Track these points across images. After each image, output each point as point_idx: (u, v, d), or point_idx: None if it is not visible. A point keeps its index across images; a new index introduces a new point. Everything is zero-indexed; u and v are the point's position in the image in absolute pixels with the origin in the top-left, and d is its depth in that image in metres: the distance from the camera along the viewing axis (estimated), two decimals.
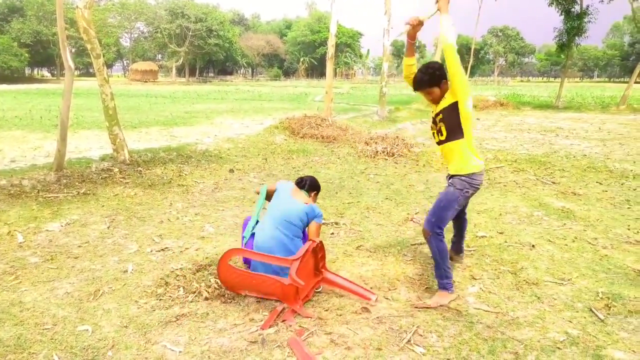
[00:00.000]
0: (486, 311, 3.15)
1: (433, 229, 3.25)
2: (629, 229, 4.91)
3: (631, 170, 7.67)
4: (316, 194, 3.80)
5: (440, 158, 8.22)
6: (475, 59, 65.01)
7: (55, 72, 62.44)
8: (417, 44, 3.46)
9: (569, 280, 3.65)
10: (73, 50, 53.99)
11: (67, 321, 2.96)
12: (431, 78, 3.20)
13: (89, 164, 7.17)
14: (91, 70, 54.39)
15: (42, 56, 58.26)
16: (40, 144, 8.98)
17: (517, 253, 4.22)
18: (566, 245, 4.45)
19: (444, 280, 3.30)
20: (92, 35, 6.95)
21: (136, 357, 2.59)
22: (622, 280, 3.64)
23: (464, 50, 77.65)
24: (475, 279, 3.69)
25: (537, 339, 2.80)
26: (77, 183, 6.31)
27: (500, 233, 4.77)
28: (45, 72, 72.62)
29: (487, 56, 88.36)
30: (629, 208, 5.73)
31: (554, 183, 7.04)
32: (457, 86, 3.09)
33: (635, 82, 25.26)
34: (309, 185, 3.72)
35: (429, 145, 10.37)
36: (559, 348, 2.70)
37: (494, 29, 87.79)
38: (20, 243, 4.31)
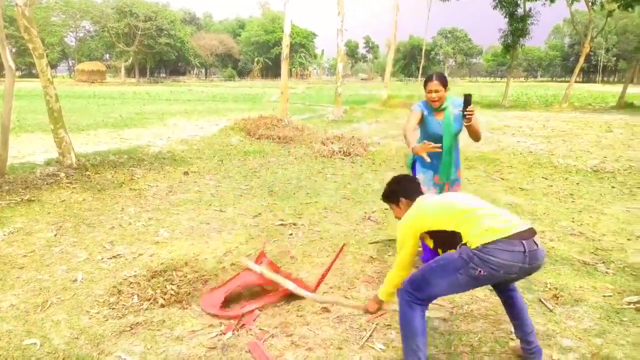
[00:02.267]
0: (441, 306, 3.23)
1: (405, 287, 2.38)
2: (573, 222, 5.17)
3: (574, 166, 8.08)
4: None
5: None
6: (426, 59, 66.62)
7: None
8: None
9: None
10: (14, 49, 51.18)
11: (12, 335, 2.80)
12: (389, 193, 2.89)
13: (33, 169, 6.81)
14: (34, 71, 51.80)
15: None
16: None
17: None
18: None
19: None
20: (34, 34, 6.61)
21: None
22: (568, 271, 3.83)
23: (415, 51, 79.48)
24: None
25: (491, 331, 2.89)
26: (20, 189, 5.98)
27: None
28: None
29: (438, 57, 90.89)
30: (572, 201, 6.04)
31: (502, 179, 7.32)
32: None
33: (576, 82, 26.70)
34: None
35: (384, 144, 10.53)
36: (512, 339, 2.80)
37: (444, 31, 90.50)
38: None
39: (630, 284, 3.54)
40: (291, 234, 4.75)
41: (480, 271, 2.11)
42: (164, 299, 3.25)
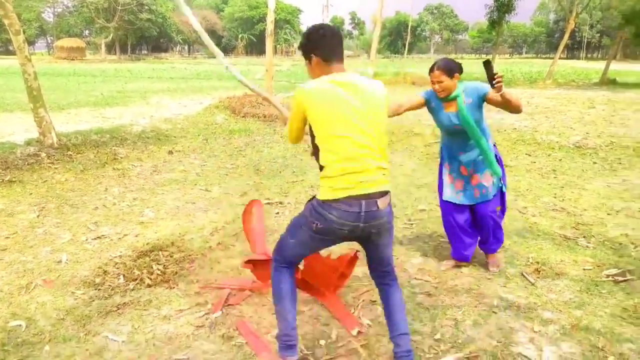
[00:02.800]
0: (427, 281, 3.28)
1: (273, 253, 2.38)
2: (555, 197, 5.25)
3: (557, 142, 8.17)
4: None
5: None
6: (412, 36, 66.21)
7: None
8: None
9: (502, 247, 3.87)
10: None
11: None
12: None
13: (13, 149, 6.67)
14: (11, 48, 50.29)
15: None
16: None
17: None
18: None
19: (280, 339, 2.28)
20: (10, 10, 6.38)
21: (75, 349, 2.49)
22: (549, 246, 3.91)
23: (402, 27, 78.86)
24: (416, 251, 3.83)
25: (475, 305, 2.95)
26: (0, 170, 5.86)
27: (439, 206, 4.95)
28: None
29: (424, 33, 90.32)
30: (555, 177, 6.13)
31: None
32: None
33: (560, 58, 26.80)
34: None
35: None
36: (494, 312, 2.87)
37: (430, 7, 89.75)
38: None
39: (610, 258, 3.64)
40: (277, 213, 4.76)
41: (316, 224, 2.10)
42: (151, 279, 3.25)
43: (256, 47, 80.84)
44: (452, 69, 3.10)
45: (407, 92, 17.87)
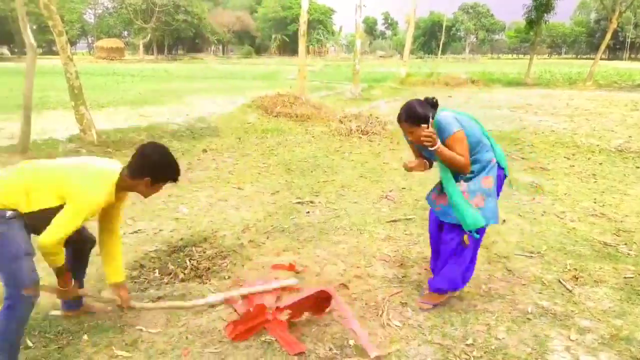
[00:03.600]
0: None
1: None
2: (594, 202, 5.08)
3: (597, 145, 7.90)
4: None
5: None
6: (446, 36, 65.26)
7: (16, 50, 59.72)
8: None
9: (538, 253, 3.77)
10: (34, 27, 51.59)
11: (39, 307, 2.89)
12: None
13: (56, 146, 6.94)
14: (54, 48, 52.24)
15: (1, 33, 55.54)
16: (3, 125, 8.62)
17: (490, 228, 4.32)
18: (535, 219, 4.58)
19: None
20: (54, 12, 6.65)
21: (112, 339, 2.57)
22: (588, 252, 3.78)
23: (436, 27, 77.87)
24: None
25: (508, 311, 2.89)
26: None
27: None
28: (5, 50, 69.37)
29: (459, 33, 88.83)
30: (595, 182, 5.93)
31: (523, 158, 7.20)
32: None
33: (601, 59, 25.89)
34: None
35: None
36: (529, 319, 2.80)
37: (465, 6, 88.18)
38: None
39: None
40: (308, 212, 4.78)
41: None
42: (184, 274, 3.32)
43: (289, 47, 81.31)
44: (418, 118, 2.62)
45: (440, 93, 17.64)
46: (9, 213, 2.15)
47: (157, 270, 3.38)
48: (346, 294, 3.10)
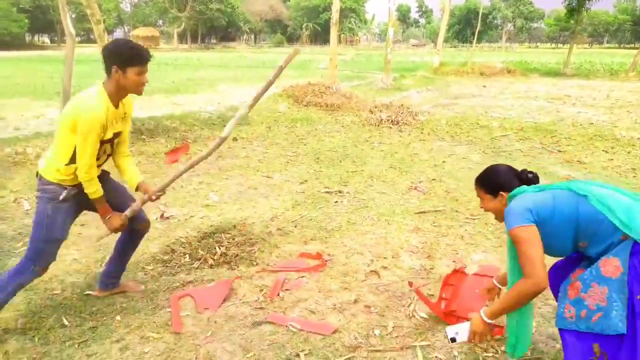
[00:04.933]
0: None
1: None
2: None
3: (638, 139, 7.59)
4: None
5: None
6: (482, 24, 63.52)
7: (56, 39, 61.66)
8: None
9: None
10: (73, 15, 53.09)
11: (75, 287, 3.02)
12: None
13: None
14: (92, 37, 53.57)
15: (42, 22, 57.36)
16: (43, 111, 8.93)
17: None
18: None
19: None
20: (92, 0, 6.81)
21: (144, 321, 2.65)
22: None
23: (471, 15, 75.98)
24: (476, 246, 3.72)
25: (539, 306, 2.83)
26: None
27: None
28: (46, 39, 71.63)
29: (495, 21, 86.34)
30: (634, 177, 5.71)
31: (559, 151, 6.99)
32: None
33: None
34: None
35: (434, 113, 10.27)
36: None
37: None
38: (27, 210, 4.35)
39: None
40: (336, 202, 4.78)
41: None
42: (213, 260, 3.39)
43: (320, 36, 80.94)
44: (494, 186, 2.10)
45: (475, 82, 17.25)
46: (63, 194, 2.38)
47: (187, 255, 3.46)
48: (373, 284, 3.11)
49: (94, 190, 2.41)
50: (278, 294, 2.95)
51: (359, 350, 2.42)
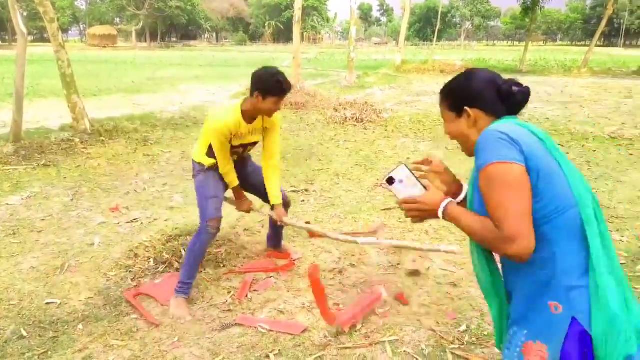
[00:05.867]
0: (452, 272, 3.25)
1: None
2: None
3: (591, 132, 7.92)
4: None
5: None
6: (442, 22, 64.83)
7: (7, 38, 58.95)
8: None
9: None
10: (25, 13, 50.89)
11: (34, 296, 2.90)
12: None
13: (48, 135, 6.88)
14: (45, 36, 51.56)
15: None
16: None
17: None
18: None
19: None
20: None
21: (107, 329, 2.57)
22: None
23: (431, 14, 77.45)
24: (441, 240, 3.79)
25: None
26: (36, 154, 6.06)
27: None
28: None
29: (454, 20, 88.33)
30: (589, 169, 5.95)
31: None
32: None
33: (597, 46, 25.86)
34: None
35: (398, 110, 10.41)
36: None
37: None
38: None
39: None
40: (303, 201, 4.78)
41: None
42: (179, 263, 3.32)
43: (283, 35, 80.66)
44: (461, 97, 1.40)
45: (436, 79, 17.60)
46: (206, 166, 2.94)
47: (152, 260, 3.38)
48: (341, 282, 3.12)
49: (229, 181, 2.96)
50: (246, 295, 2.93)
51: (329, 348, 2.43)
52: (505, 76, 1.47)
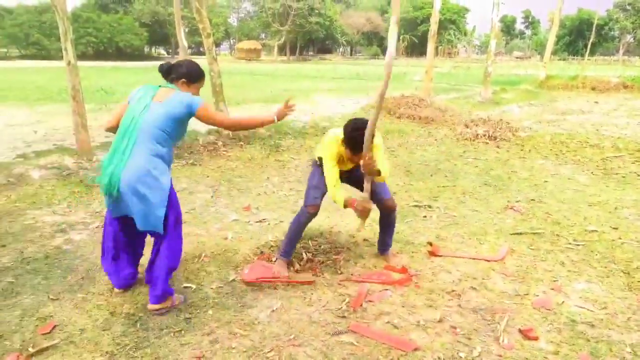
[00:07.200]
0: (590, 310, 2.91)
1: None
2: None
3: None
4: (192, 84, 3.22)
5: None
6: (596, 35, 58.64)
7: (171, 51, 67.18)
8: None
9: None
10: (187, 29, 57.60)
11: (175, 279, 3.25)
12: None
13: (197, 137, 7.69)
14: (201, 49, 57.66)
15: (159, 35, 62.82)
16: None
17: (632, 251, 3.82)
18: None
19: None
20: (204, 15, 7.36)
21: (232, 317, 2.78)
22: None
23: (584, 26, 70.64)
24: (579, 274, 3.42)
25: None
26: (186, 154, 6.82)
27: (615, 228, 4.34)
28: (162, 51, 78.34)
29: (612, 33, 79.36)
30: None
31: None
32: None
33: None
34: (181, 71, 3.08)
35: (537, 129, 9.66)
36: None
37: (622, 2, 78.40)
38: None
39: None
40: (425, 217, 4.67)
41: None
42: (300, 265, 3.47)
43: (417, 48, 79.80)
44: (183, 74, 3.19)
45: (586, 97, 15.95)
46: (319, 162, 3.34)
47: (274, 259, 3.58)
48: (459, 304, 2.98)
49: (335, 200, 3.19)
50: (361, 305, 2.95)
51: None
52: None
